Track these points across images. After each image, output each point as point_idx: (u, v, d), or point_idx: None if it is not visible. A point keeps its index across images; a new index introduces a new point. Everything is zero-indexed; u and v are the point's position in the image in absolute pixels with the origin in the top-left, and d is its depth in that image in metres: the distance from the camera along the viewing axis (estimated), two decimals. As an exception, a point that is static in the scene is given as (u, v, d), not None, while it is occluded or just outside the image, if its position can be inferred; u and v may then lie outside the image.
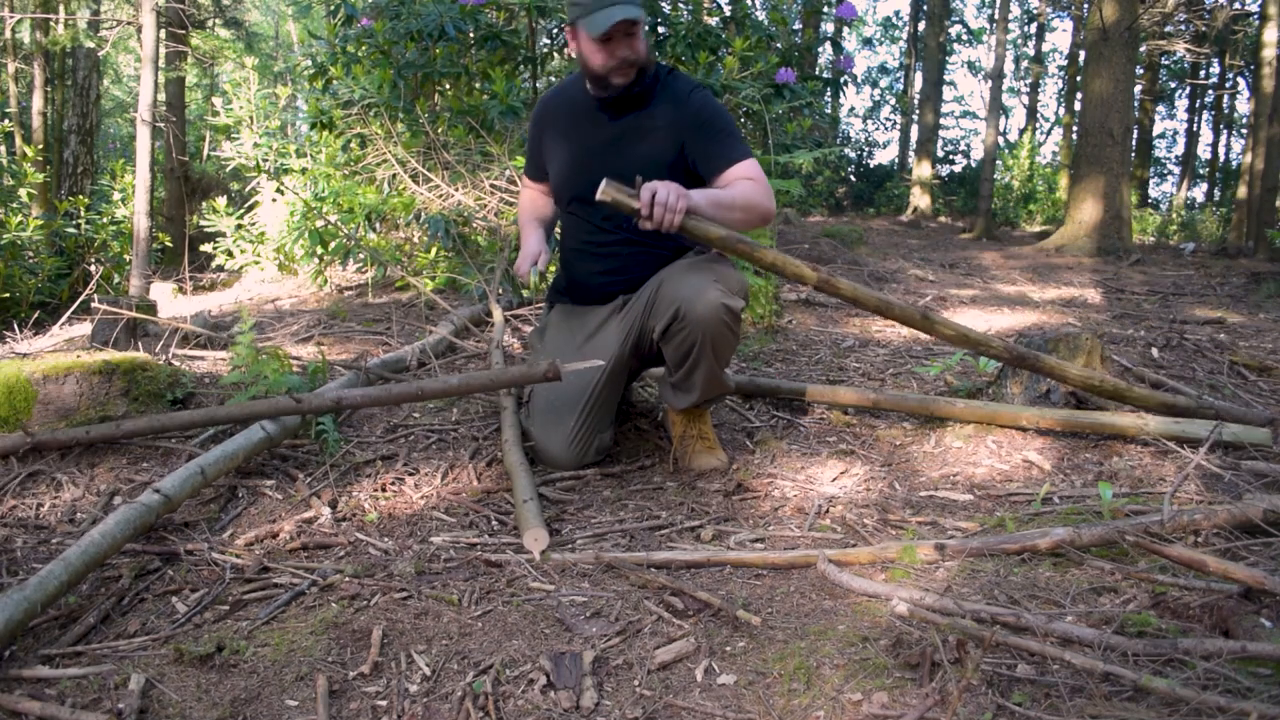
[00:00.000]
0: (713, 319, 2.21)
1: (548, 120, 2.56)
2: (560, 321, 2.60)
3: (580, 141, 2.47)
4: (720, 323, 2.22)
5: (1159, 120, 23.36)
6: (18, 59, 10.72)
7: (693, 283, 2.24)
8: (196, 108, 13.94)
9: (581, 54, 2.35)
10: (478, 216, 4.65)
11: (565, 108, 2.52)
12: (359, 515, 2.20)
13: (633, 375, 2.64)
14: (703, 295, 2.20)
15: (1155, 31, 10.98)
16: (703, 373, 2.32)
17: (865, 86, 24.45)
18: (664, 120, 2.39)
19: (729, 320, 2.23)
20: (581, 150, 2.47)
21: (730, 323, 2.24)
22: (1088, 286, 6.69)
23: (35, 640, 1.65)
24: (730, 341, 2.30)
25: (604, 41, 2.27)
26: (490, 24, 4.81)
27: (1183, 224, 14.62)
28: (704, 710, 1.42)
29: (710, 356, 2.29)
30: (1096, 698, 1.33)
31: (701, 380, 2.34)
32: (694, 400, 2.41)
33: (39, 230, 6.96)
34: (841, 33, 11.37)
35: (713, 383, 2.36)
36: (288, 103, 7.48)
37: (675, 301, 2.23)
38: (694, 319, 2.21)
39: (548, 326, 2.64)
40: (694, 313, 2.21)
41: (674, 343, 2.29)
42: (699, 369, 2.32)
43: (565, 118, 2.52)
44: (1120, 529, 1.82)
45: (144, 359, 2.79)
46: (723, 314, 2.21)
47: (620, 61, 2.30)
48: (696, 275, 2.26)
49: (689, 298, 2.21)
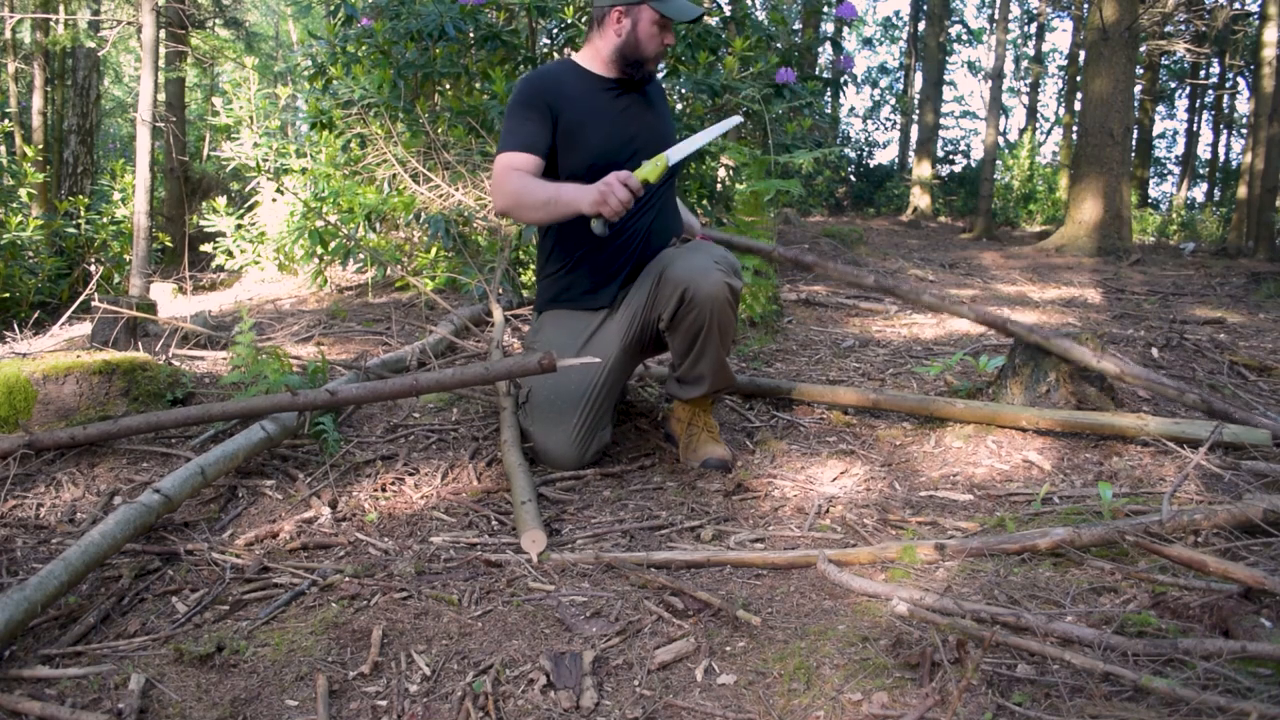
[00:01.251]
0: (719, 299, 2.28)
1: (560, 98, 2.45)
2: (555, 324, 2.57)
3: (612, 115, 2.50)
4: (725, 302, 2.30)
5: (1159, 120, 23.39)
6: (18, 59, 10.72)
7: (696, 264, 2.30)
8: (196, 108, 13.93)
9: (634, 34, 2.44)
10: (478, 216, 4.65)
11: (577, 86, 2.49)
12: (359, 515, 2.20)
13: (630, 373, 2.64)
14: (708, 276, 2.28)
15: (1155, 31, 10.98)
16: (710, 359, 2.37)
17: (865, 86, 24.47)
18: (660, 100, 2.67)
19: (732, 300, 2.32)
20: (619, 122, 2.51)
21: (733, 302, 2.33)
22: (1088, 286, 6.69)
23: (35, 640, 1.65)
24: (733, 322, 2.38)
25: (664, 28, 2.43)
26: (490, 24, 4.80)
27: (1183, 224, 14.62)
28: (704, 710, 1.42)
29: (717, 339, 2.34)
30: (1096, 698, 1.33)
31: (709, 368, 2.39)
32: (704, 390, 2.43)
33: (39, 230, 6.96)
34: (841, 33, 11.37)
35: (720, 370, 2.41)
36: (288, 103, 7.48)
37: (681, 284, 2.28)
38: (701, 299, 2.27)
39: (541, 329, 2.60)
40: (701, 293, 2.27)
41: (682, 328, 2.34)
42: (706, 355, 2.36)
43: (582, 96, 2.48)
44: (1120, 529, 1.82)
45: (144, 359, 2.79)
46: (726, 293, 2.29)
47: (665, 50, 2.49)
48: (698, 257, 2.32)
49: (695, 279, 2.28)
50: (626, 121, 2.51)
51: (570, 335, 2.52)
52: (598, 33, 2.49)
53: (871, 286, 2.99)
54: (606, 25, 2.46)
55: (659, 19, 2.41)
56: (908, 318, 4.86)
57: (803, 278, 5.96)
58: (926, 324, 4.67)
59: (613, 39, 2.46)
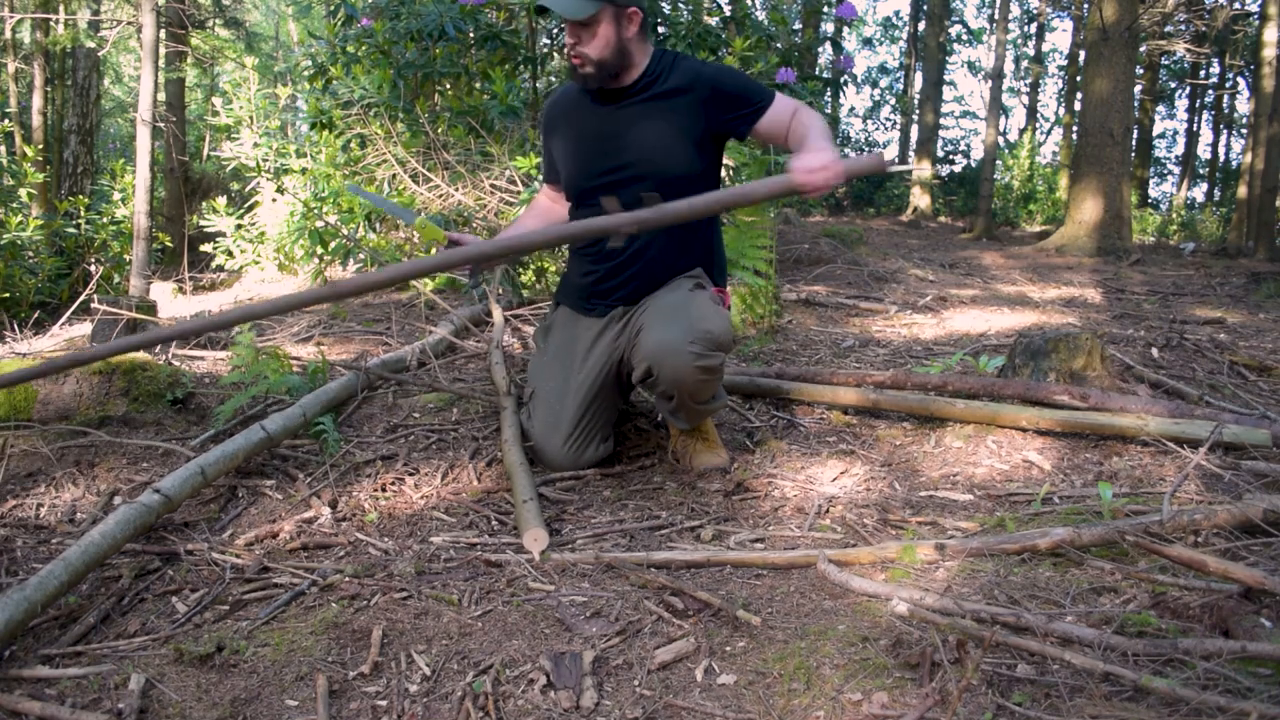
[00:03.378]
0: (687, 379, 2.21)
1: (552, 121, 2.53)
2: (565, 324, 2.57)
3: (579, 134, 2.44)
4: (696, 381, 2.22)
5: (1159, 120, 23.38)
6: (18, 59, 10.72)
7: (669, 339, 2.19)
8: (196, 108, 13.93)
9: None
10: (478, 216, 4.65)
11: (563, 105, 2.50)
12: (359, 515, 2.20)
13: (629, 388, 2.62)
14: (677, 356, 2.17)
15: (1155, 31, 10.98)
16: (685, 412, 2.37)
17: (865, 86, 24.44)
18: (677, 102, 2.33)
19: (705, 376, 2.22)
20: (581, 142, 2.43)
21: (706, 378, 2.23)
22: (1088, 286, 6.69)
23: (35, 640, 1.65)
24: (709, 388, 2.29)
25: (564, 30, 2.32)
26: (490, 24, 4.81)
27: (1183, 224, 14.62)
28: (704, 710, 1.42)
29: (690, 404, 2.32)
30: (1096, 698, 1.33)
31: (686, 417, 2.40)
32: (686, 427, 2.46)
33: (39, 230, 6.96)
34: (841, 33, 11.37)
35: (699, 417, 2.41)
36: (288, 103, 7.49)
37: (648, 359, 2.24)
38: (666, 377, 2.23)
39: (553, 326, 2.62)
40: (665, 372, 2.22)
41: (654, 391, 2.37)
42: (681, 411, 2.36)
43: (562, 115, 2.50)
44: (1120, 529, 1.82)
45: (144, 359, 2.79)
46: (698, 375, 2.20)
47: (570, 46, 2.28)
48: (674, 330, 2.19)
49: (662, 358, 2.20)
50: (603, 141, 2.38)
51: (573, 343, 2.51)
52: None
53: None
54: None
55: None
56: (907, 318, 4.86)
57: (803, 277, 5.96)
58: (926, 324, 4.67)
59: None
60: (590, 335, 2.48)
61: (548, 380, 2.49)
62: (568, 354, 2.49)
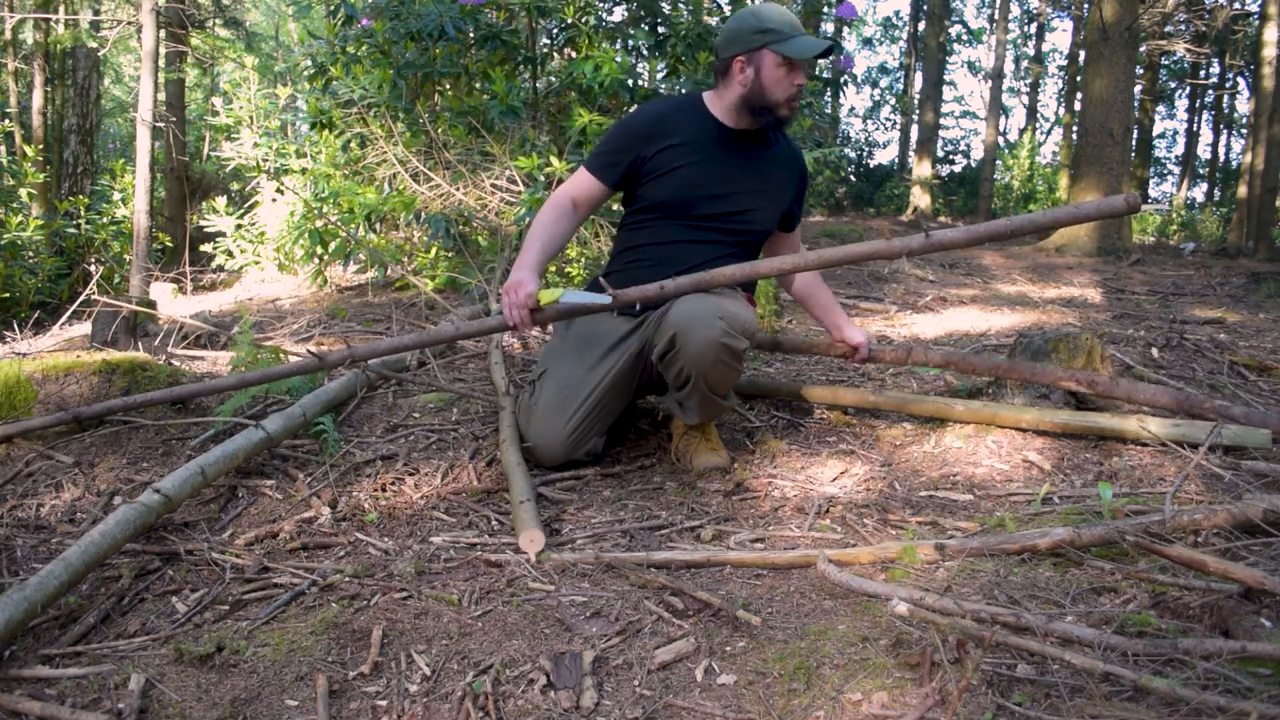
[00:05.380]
0: (708, 355, 2.20)
1: (667, 131, 2.46)
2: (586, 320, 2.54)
3: (709, 158, 2.45)
4: (717, 360, 2.21)
5: (1159, 120, 23.38)
6: (18, 59, 10.72)
7: (697, 313, 2.20)
8: (196, 108, 13.93)
9: (759, 81, 2.36)
10: (478, 216, 4.65)
11: (691, 125, 2.47)
12: (359, 515, 2.20)
13: (638, 392, 2.62)
14: (702, 329, 2.18)
15: (1155, 31, 10.97)
16: (697, 400, 2.34)
17: (865, 86, 24.44)
18: (784, 168, 2.56)
19: (727, 359, 2.22)
20: (709, 166, 2.45)
21: (729, 360, 2.23)
22: (1088, 286, 6.69)
23: (35, 640, 1.65)
24: (728, 377, 2.29)
25: (790, 69, 2.34)
26: (490, 24, 4.80)
27: (1183, 224, 14.63)
28: (704, 710, 1.42)
29: (704, 389, 2.29)
30: (1096, 698, 1.33)
31: (697, 406, 2.36)
32: (694, 421, 2.42)
33: (39, 230, 6.96)
34: (841, 33, 11.37)
35: (710, 409, 2.38)
36: (288, 103, 7.48)
37: (673, 328, 2.23)
38: (689, 349, 2.21)
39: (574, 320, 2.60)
40: (688, 346, 2.20)
41: (671, 370, 2.31)
42: (694, 397, 2.33)
43: (692, 136, 2.46)
44: (1120, 529, 1.82)
45: (144, 358, 2.79)
46: (721, 353, 2.20)
47: (798, 90, 2.39)
48: (703, 306, 2.22)
49: (686, 328, 2.20)
50: (724, 171, 2.45)
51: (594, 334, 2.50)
52: (723, 83, 2.43)
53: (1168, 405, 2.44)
54: (731, 76, 2.40)
55: (783, 60, 2.33)
56: (907, 317, 4.86)
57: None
58: (926, 323, 4.67)
59: (737, 89, 2.40)
60: (619, 332, 2.48)
61: (562, 365, 2.47)
62: (589, 345, 2.48)
